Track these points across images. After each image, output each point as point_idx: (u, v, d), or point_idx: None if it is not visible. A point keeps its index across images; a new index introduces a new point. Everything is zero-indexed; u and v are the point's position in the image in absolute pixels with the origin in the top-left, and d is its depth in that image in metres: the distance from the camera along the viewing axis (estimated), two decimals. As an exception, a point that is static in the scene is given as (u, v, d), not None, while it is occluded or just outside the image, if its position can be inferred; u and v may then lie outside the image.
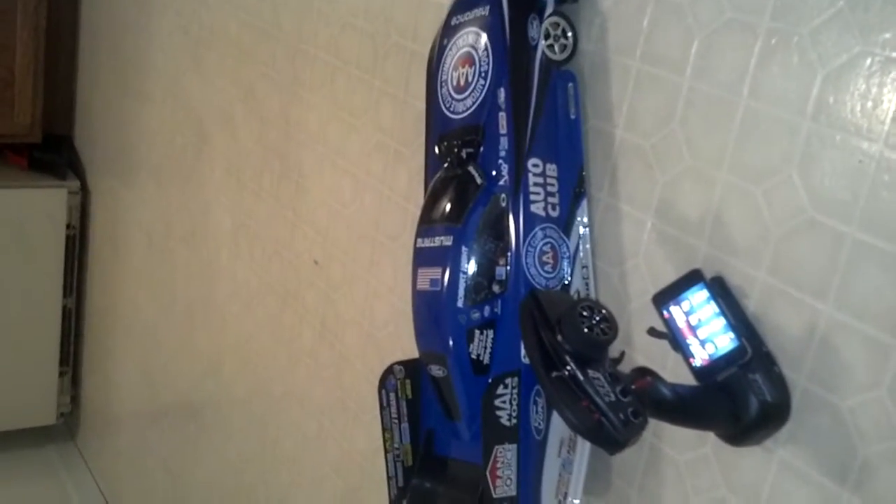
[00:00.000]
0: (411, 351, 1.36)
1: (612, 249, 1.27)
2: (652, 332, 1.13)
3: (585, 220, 1.28)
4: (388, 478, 1.36)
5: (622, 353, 1.07)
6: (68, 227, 3.35)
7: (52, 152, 3.39)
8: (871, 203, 0.96)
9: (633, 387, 0.98)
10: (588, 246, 1.28)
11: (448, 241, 1.25)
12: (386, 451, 1.37)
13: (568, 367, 0.96)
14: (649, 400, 0.99)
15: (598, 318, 0.98)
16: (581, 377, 0.96)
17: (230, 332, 2.46)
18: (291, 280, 2.14)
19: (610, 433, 0.94)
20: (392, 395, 1.37)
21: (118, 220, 3.22)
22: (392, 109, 1.73)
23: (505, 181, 1.24)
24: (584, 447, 1.27)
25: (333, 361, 1.98)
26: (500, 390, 1.19)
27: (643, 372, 1.02)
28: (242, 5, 2.30)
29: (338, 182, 1.93)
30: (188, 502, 2.81)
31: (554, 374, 0.96)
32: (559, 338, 0.98)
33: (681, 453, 1.19)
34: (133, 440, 3.25)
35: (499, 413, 1.19)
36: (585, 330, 0.96)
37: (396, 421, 1.36)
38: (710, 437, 1.14)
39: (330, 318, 1.99)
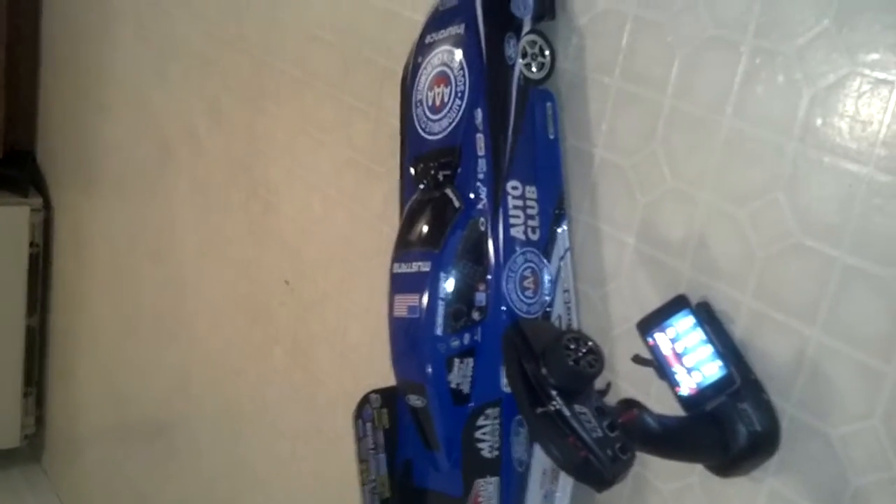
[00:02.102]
0: (387, 373, 1.32)
1: (593, 271, 1.24)
2: (637, 359, 1.10)
3: (566, 242, 1.25)
4: (365, 511, 1.32)
5: (608, 385, 1.03)
6: (31, 244, 3.27)
7: (14, 168, 3.31)
8: (862, 226, 0.94)
9: (619, 420, 0.95)
10: (569, 268, 1.25)
11: (426, 266, 1.21)
12: (362, 484, 1.33)
13: (553, 402, 0.93)
14: (636, 433, 0.96)
15: (584, 351, 0.94)
16: (567, 412, 0.92)
17: (198, 348, 2.41)
18: (261, 298, 2.09)
19: (597, 470, 0.91)
20: (368, 426, 1.33)
21: (82, 237, 3.15)
22: (364, 126, 1.69)
23: (483, 204, 1.21)
24: (567, 479, 1.23)
25: (306, 382, 1.94)
26: (482, 421, 1.16)
27: (629, 404, 0.99)
28: (205, 16, 2.25)
29: (308, 199, 1.89)
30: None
31: (539, 409, 0.93)
32: (544, 371, 0.95)
33: (665, 483, 1.16)
34: (100, 460, 3.17)
35: (480, 445, 1.15)
36: (571, 363, 0.93)
37: (373, 451, 1.32)
38: (697, 466, 1.11)
39: (302, 338, 1.94)
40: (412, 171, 1.30)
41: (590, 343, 0.95)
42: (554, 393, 0.93)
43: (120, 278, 2.89)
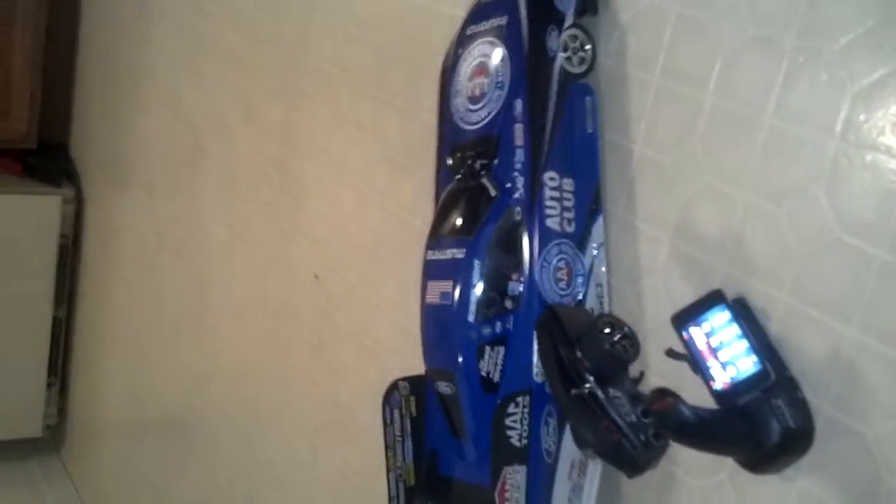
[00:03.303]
0: (413, 368, 1.33)
1: (628, 267, 1.24)
2: (671, 353, 1.09)
3: (601, 236, 1.25)
4: (390, 498, 1.32)
5: (641, 373, 1.03)
6: (62, 235, 3.30)
7: (47, 159, 3.35)
8: (903, 224, 0.93)
9: (653, 408, 0.95)
10: (603, 263, 1.25)
11: (460, 253, 1.22)
12: (388, 470, 1.33)
13: (587, 385, 0.93)
14: (670, 422, 0.96)
15: (619, 335, 0.94)
16: (601, 396, 0.92)
17: (220, 346, 2.42)
18: (287, 294, 2.10)
19: (630, 455, 0.91)
20: (396, 412, 1.33)
21: (112, 230, 3.18)
22: (399, 122, 1.71)
23: (520, 194, 1.21)
24: (594, 472, 1.23)
25: (329, 378, 1.94)
26: (512, 409, 1.16)
27: (663, 393, 0.99)
28: (242, 15, 2.28)
29: (339, 194, 1.90)
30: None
31: (573, 391, 0.93)
32: (578, 354, 0.95)
33: (696, 479, 1.16)
34: (118, 455, 3.19)
35: (509, 433, 1.15)
36: (607, 347, 0.93)
37: (400, 438, 1.32)
38: (727, 463, 1.11)
39: (327, 334, 1.95)
40: (449, 160, 1.31)
41: (625, 328, 0.95)
42: (588, 376, 0.93)
43: (146, 274, 2.91)
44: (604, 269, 1.25)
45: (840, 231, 0.99)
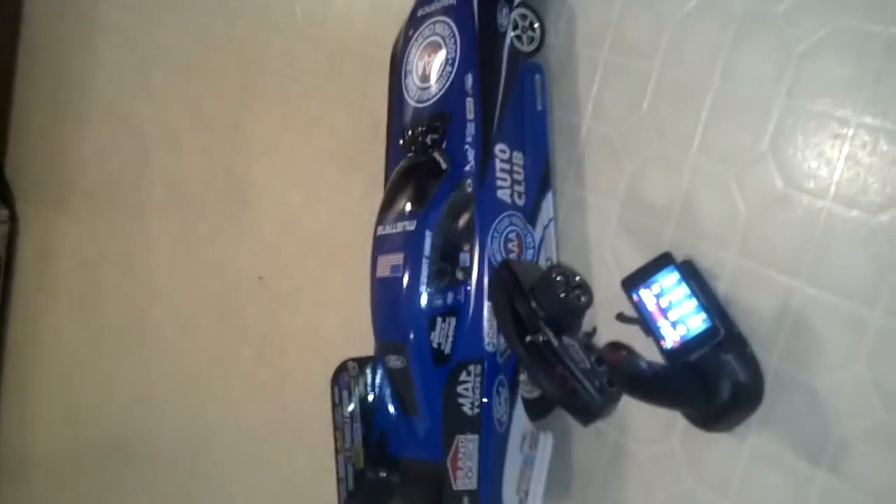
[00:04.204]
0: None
1: (577, 241, 1.25)
2: (621, 317, 1.10)
3: (551, 212, 1.26)
4: (338, 479, 1.29)
5: (594, 328, 1.03)
6: (-6, 256, 3.21)
7: (-20, 179, 3.27)
8: (848, 175, 0.96)
9: (608, 358, 0.95)
10: (553, 238, 1.26)
11: (411, 226, 1.21)
12: (336, 452, 1.30)
13: (542, 334, 0.93)
14: (624, 372, 0.95)
15: (573, 285, 0.94)
16: (555, 343, 0.92)
17: (162, 356, 2.36)
18: (232, 298, 2.06)
19: (585, 400, 0.90)
20: (345, 393, 1.31)
21: (48, 251, 3.10)
22: (348, 115, 1.71)
23: (471, 167, 1.22)
24: (546, 444, 1.22)
25: (274, 379, 1.91)
26: (464, 377, 1.15)
27: (617, 346, 0.99)
28: (194, 19, 2.27)
29: (288, 193, 1.89)
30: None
31: (528, 338, 0.93)
32: (533, 304, 0.95)
33: (646, 447, 1.15)
34: (52, 484, 3.07)
35: (461, 401, 1.14)
36: (562, 295, 0.93)
37: (349, 420, 1.30)
38: (677, 429, 1.11)
39: (272, 334, 1.92)
40: (401, 140, 1.31)
41: (577, 277, 0.96)
42: (543, 325, 0.93)
43: (84, 292, 2.84)
44: (554, 242, 1.25)
45: (786, 187, 1.01)
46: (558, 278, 0.94)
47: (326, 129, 1.77)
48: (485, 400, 1.14)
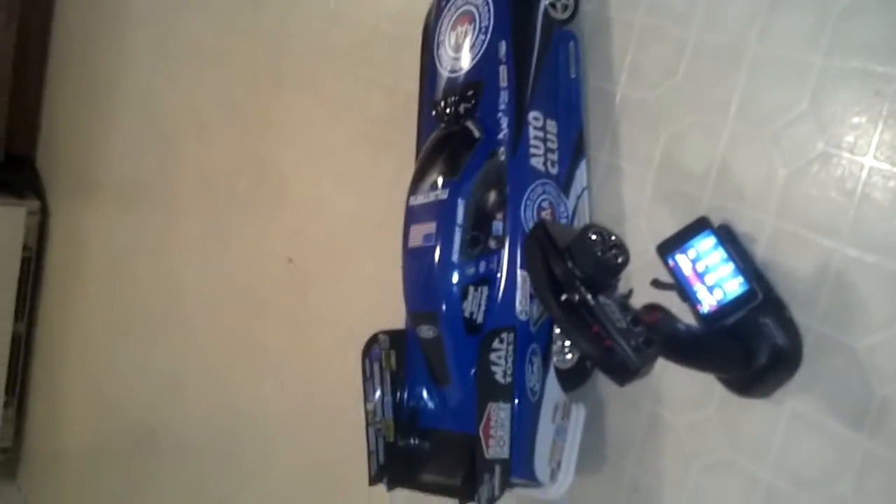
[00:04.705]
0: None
1: (611, 210, 1.23)
2: (656, 283, 1.08)
3: (585, 181, 1.25)
4: (369, 453, 1.28)
5: (630, 291, 1.01)
6: (25, 248, 3.24)
7: (13, 172, 3.30)
8: (890, 132, 0.94)
9: (645, 319, 0.93)
10: (587, 208, 1.24)
11: (444, 194, 1.20)
12: (367, 425, 1.29)
13: (578, 293, 0.91)
14: (661, 333, 0.94)
15: (609, 244, 0.93)
16: (592, 302, 0.91)
17: (193, 346, 2.37)
18: (263, 284, 2.06)
19: (622, 360, 0.89)
20: (376, 365, 1.30)
21: (78, 241, 3.12)
22: (381, 97, 1.70)
23: (504, 134, 1.21)
24: (578, 415, 1.21)
25: (304, 364, 1.90)
26: (496, 344, 1.13)
27: (654, 308, 0.98)
28: (222, 11, 2.28)
29: (318, 179, 1.89)
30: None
31: (563, 297, 0.91)
32: (569, 264, 0.93)
33: (682, 417, 1.14)
34: (80, 478, 3.08)
35: (494, 369, 1.13)
36: (599, 253, 0.92)
37: (380, 392, 1.29)
38: (714, 396, 1.09)
39: (302, 319, 1.92)
40: (433, 111, 1.30)
41: (614, 237, 0.94)
42: (579, 284, 0.92)
43: (113, 283, 2.86)
44: (587, 212, 1.24)
45: (827, 146, 0.99)
46: (595, 237, 0.93)
47: (358, 111, 1.76)
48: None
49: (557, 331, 1.20)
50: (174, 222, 2.48)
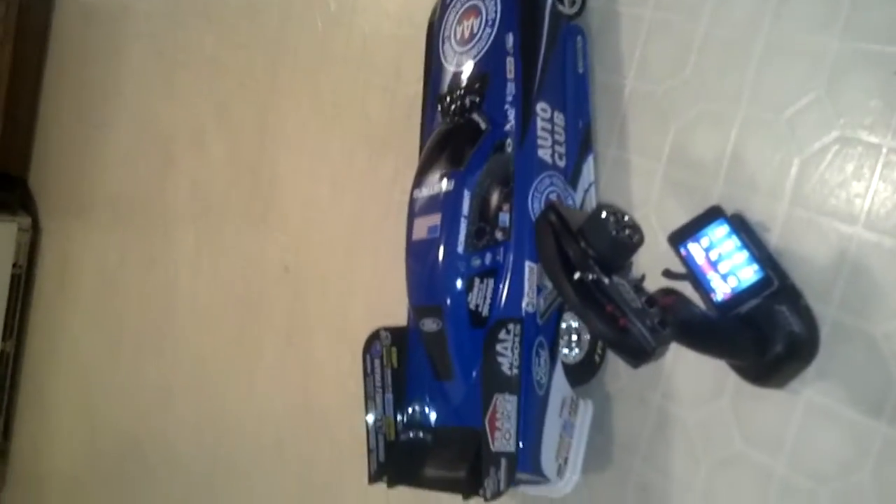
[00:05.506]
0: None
1: (620, 203, 1.21)
2: (668, 273, 1.06)
3: (592, 176, 1.23)
4: (369, 451, 1.25)
5: (643, 276, 0.99)
6: (14, 265, 3.20)
7: (4, 189, 3.28)
8: (907, 114, 0.92)
9: (660, 302, 0.91)
10: (594, 202, 1.22)
11: (450, 185, 1.19)
12: (367, 423, 1.26)
13: (592, 273, 0.89)
14: (676, 318, 0.92)
15: (623, 224, 0.91)
16: (606, 281, 0.88)
17: (183, 358, 2.33)
18: (257, 292, 2.03)
19: (636, 340, 0.86)
20: (377, 362, 1.27)
21: (69, 258, 3.09)
22: (381, 98, 1.69)
23: (511, 126, 1.19)
24: (586, 411, 1.18)
25: (298, 370, 1.87)
26: (503, 335, 1.11)
27: (669, 291, 0.95)
28: (220, 20, 2.28)
29: (315, 184, 1.87)
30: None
31: (577, 276, 0.89)
32: (583, 244, 0.91)
33: (691, 411, 1.11)
34: (66, 493, 3.02)
35: (500, 360, 1.10)
36: (613, 233, 0.90)
37: (380, 390, 1.26)
38: (725, 389, 1.07)
39: (297, 325, 1.89)
40: (438, 106, 1.29)
41: (627, 217, 0.92)
42: (593, 264, 0.90)
43: (104, 299, 2.82)
44: (595, 206, 1.22)
45: (843, 129, 0.97)
46: (608, 217, 0.91)
47: (357, 114, 1.75)
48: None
49: (564, 325, 1.18)
50: (168, 235, 2.45)
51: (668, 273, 1.06)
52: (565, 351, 1.17)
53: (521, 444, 1.08)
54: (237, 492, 2.04)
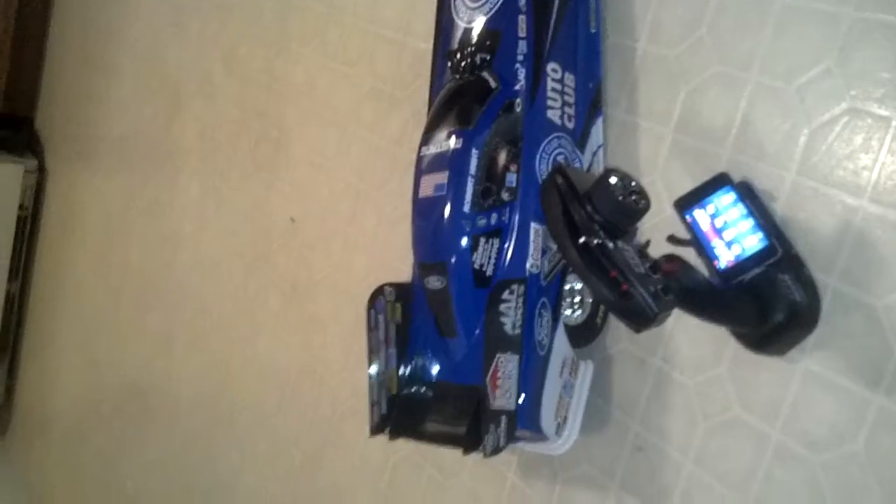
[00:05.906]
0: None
1: (627, 167, 1.21)
2: (672, 239, 1.07)
3: (601, 139, 1.23)
4: (371, 404, 1.26)
5: (647, 242, 1.00)
6: (21, 207, 3.21)
7: (12, 131, 3.27)
8: (919, 87, 0.92)
9: (664, 268, 0.92)
10: (602, 165, 1.22)
11: (458, 143, 1.18)
12: (370, 376, 1.27)
13: (596, 237, 0.90)
14: (679, 284, 0.92)
15: (630, 189, 0.91)
16: (610, 246, 0.89)
17: (187, 306, 2.34)
18: (262, 243, 2.04)
19: (639, 305, 0.87)
20: (381, 317, 1.28)
21: (75, 202, 3.10)
22: (390, 53, 1.68)
23: (521, 85, 1.19)
24: (586, 372, 1.19)
25: (301, 324, 1.88)
26: (506, 295, 1.12)
27: (672, 258, 0.96)
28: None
29: (322, 135, 1.86)
30: (122, 491, 2.64)
31: (581, 240, 0.89)
32: (588, 208, 0.91)
33: (690, 376, 1.12)
34: (69, 436, 3.07)
35: (503, 320, 1.11)
36: (619, 197, 0.90)
37: (384, 344, 1.27)
38: (725, 356, 1.08)
39: (301, 279, 1.90)
40: (448, 62, 1.28)
41: (634, 182, 0.92)
42: (598, 228, 0.90)
43: (109, 243, 2.83)
44: (602, 169, 1.22)
45: (853, 100, 0.97)
46: (615, 181, 0.91)
47: (366, 68, 1.74)
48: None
49: (567, 287, 1.19)
50: (173, 180, 2.45)
51: (672, 239, 1.07)
52: (567, 312, 1.18)
53: (520, 403, 1.09)
54: (237, 441, 2.07)
